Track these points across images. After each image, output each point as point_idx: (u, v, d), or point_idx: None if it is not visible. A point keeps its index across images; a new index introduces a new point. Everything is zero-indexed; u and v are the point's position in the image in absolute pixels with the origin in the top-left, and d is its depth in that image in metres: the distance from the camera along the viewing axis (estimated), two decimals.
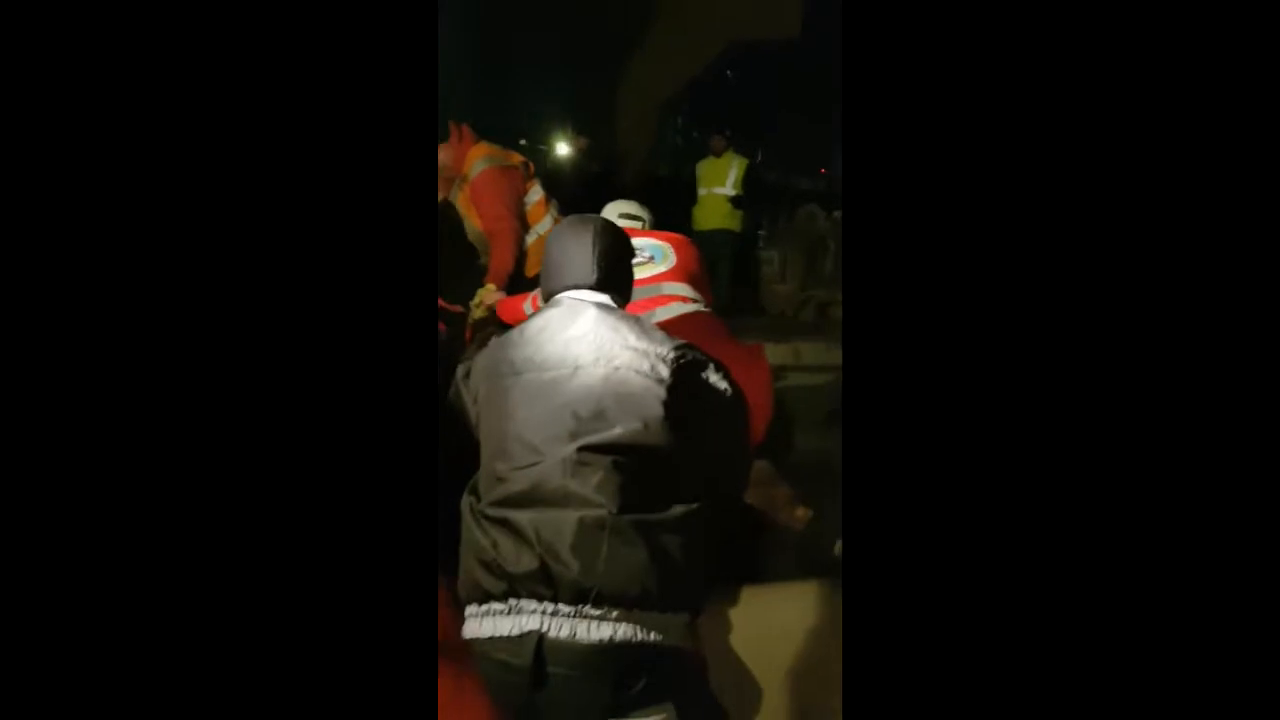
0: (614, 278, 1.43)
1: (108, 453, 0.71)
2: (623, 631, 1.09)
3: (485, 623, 1.13)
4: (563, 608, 1.09)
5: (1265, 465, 0.69)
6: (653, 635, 1.10)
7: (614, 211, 2.45)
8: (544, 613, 1.10)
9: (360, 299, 0.77)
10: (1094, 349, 0.73)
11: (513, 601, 1.12)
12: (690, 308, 1.95)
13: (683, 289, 2.01)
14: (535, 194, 2.90)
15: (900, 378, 0.77)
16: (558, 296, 1.42)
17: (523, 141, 7.14)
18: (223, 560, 0.72)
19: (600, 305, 1.37)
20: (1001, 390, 0.75)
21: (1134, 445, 0.71)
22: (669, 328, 1.50)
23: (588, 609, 1.09)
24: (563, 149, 6.91)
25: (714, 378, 1.35)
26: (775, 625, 1.50)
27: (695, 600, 1.19)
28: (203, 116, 0.74)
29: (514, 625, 1.10)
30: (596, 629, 1.08)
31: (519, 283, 2.69)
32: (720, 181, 5.25)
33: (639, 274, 1.93)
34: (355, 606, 0.74)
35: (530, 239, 2.81)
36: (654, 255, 2.09)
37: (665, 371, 1.27)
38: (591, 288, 1.40)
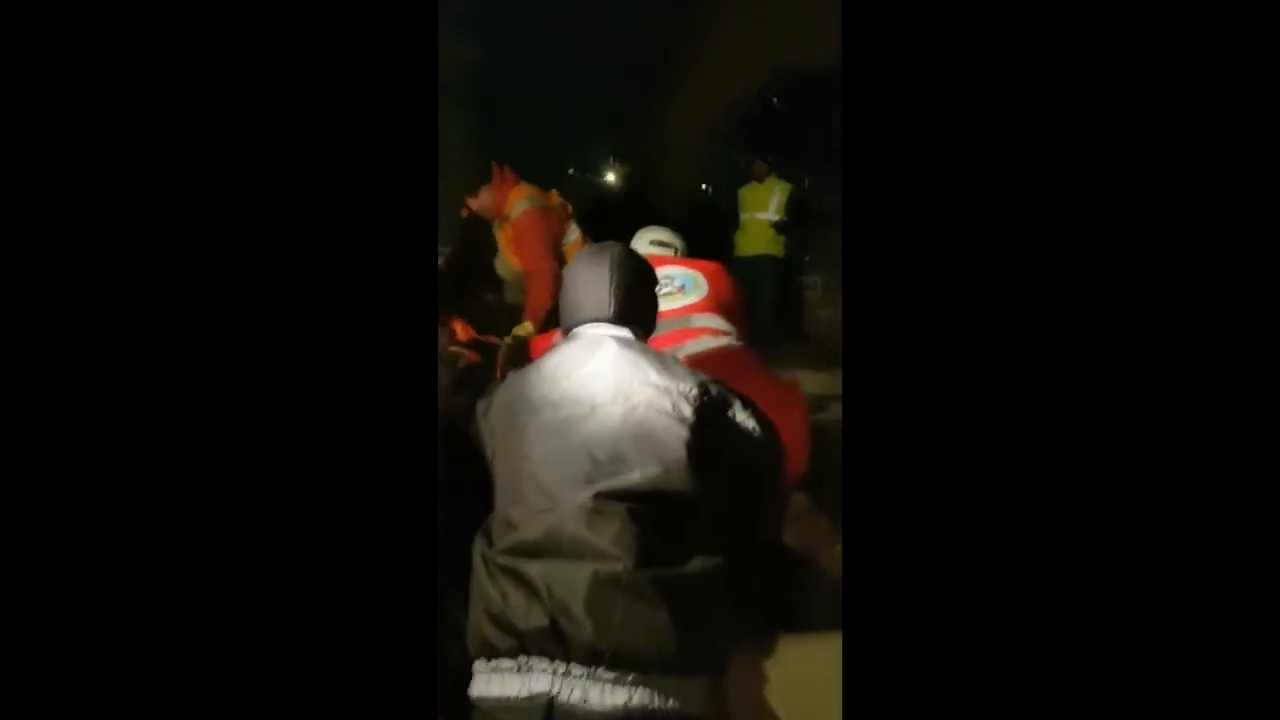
0: (634, 309, 1.38)
1: (105, 468, 0.71)
2: (639, 697, 1.01)
3: (493, 681, 1.06)
4: (575, 669, 1.02)
5: (1265, 465, 0.68)
6: (671, 702, 1.02)
7: (645, 239, 2.41)
8: (555, 673, 1.02)
9: (362, 315, 0.77)
10: (1101, 365, 0.72)
11: (522, 659, 1.05)
12: (721, 341, 1.88)
13: (714, 321, 1.94)
14: (573, 233, 2.94)
15: (901, 389, 0.76)
16: (576, 330, 1.38)
17: (571, 170, 7.18)
18: (218, 580, 0.71)
19: (620, 339, 1.32)
20: (1004, 400, 0.73)
21: (1141, 457, 0.70)
22: (697, 363, 1.44)
23: (601, 671, 1.01)
24: (607, 177, 6.94)
25: (741, 416, 1.27)
26: (814, 679, 1.40)
27: (718, 661, 1.11)
28: (205, 134, 0.74)
29: (522, 686, 1.03)
30: (610, 694, 1.00)
31: (556, 322, 2.66)
32: (763, 207, 5.22)
33: (667, 305, 1.86)
34: (355, 626, 0.74)
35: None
36: (684, 285, 2.02)
37: (688, 410, 1.20)
38: (610, 320, 1.35)
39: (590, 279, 1.38)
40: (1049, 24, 0.74)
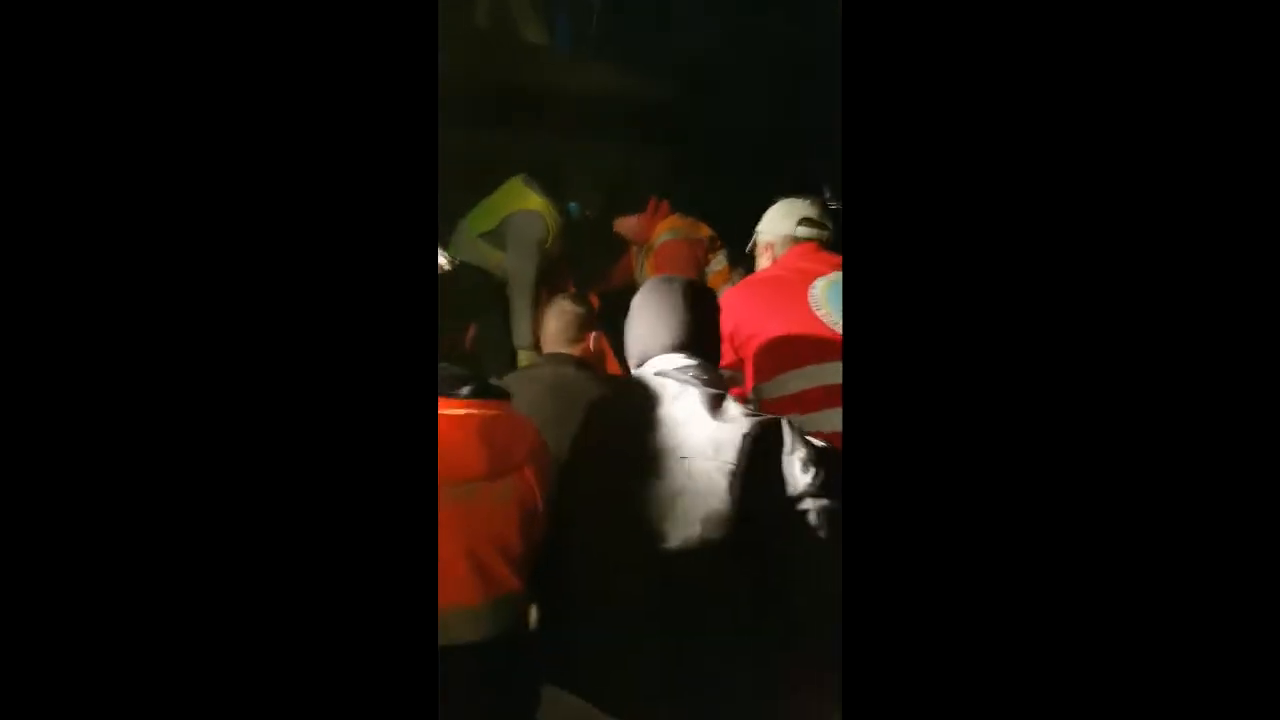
0: (704, 340, 1.38)
1: (108, 456, 0.71)
2: None
3: None
4: None
5: (1265, 465, 0.68)
6: None
7: (792, 216, 2.11)
8: None
9: (362, 314, 0.78)
10: (1103, 367, 0.72)
11: None
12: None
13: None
14: (718, 264, 3.06)
15: (901, 389, 0.76)
16: (644, 367, 1.37)
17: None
18: (217, 580, 0.72)
19: (696, 379, 1.30)
20: (1006, 400, 0.74)
21: (1142, 457, 0.70)
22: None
23: None
24: None
25: (796, 465, 1.19)
26: None
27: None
28: (207, 133, 0.75)
29: None
30: None
31: None
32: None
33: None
34: (355, 626, 0.74)
35: None
36: (835, 307, 1.79)
37: (731, 456, 1.18)
38: (678, 351, 1.35)
39: (658, 309, 1.37)
40: (1049, 24, 0.75)
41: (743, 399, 1.89)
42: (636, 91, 3.63)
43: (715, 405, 1.25)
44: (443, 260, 1.35)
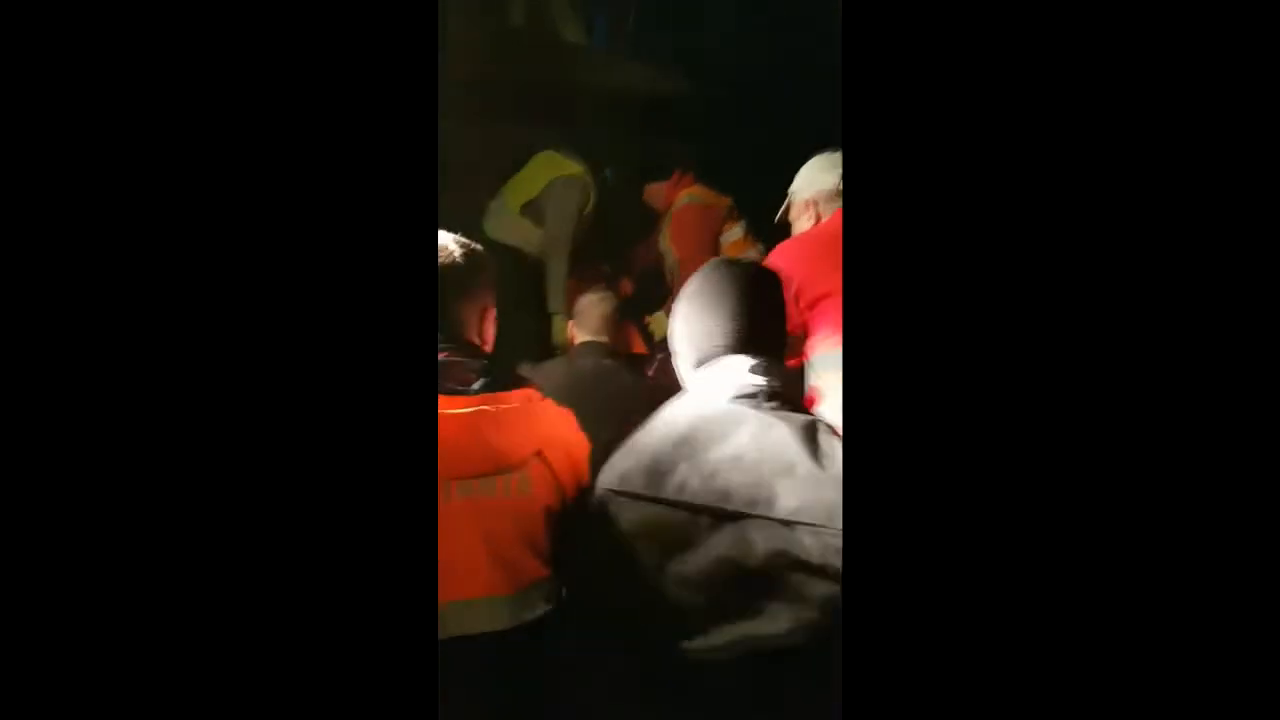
0: (769, 336, 1.21)
1: (109, 454, 0.71)
2: None
3: None
4: None
5: (1265, 466, 0.67)
6: None
7: (827, 165, 2.06)
8: None
9: (361, 313, 0.77)
10: (1104, 370, 0.71)
11: None
12: None
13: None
14: (735, 233, 3.20)
15: (901, 390, 0.75)
16: (708, 373, 1.19)
17: None
18: (216, 580, 0.72)
19: (771, 407, 1.13)
20: (1007, 402, 0.73)
21: (1142, 458, 0.70)
22: None
23: None
24: None
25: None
26: None
27: None
28: (210, 129, 0.75)
29: None
30: None
31: None
32: None
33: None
34: (355, 627, 0.74)
35: None
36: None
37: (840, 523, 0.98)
38: (743, 351, 1.17)
39: (720, 302, 1.20)
40: (1049, 25, 0.74)
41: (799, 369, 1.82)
42: (666, 87, 3.72)
43: (812, 443, 1.08)
44: (454, 246, 1.25)
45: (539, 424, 1.21)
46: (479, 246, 1.28)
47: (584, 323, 2.16)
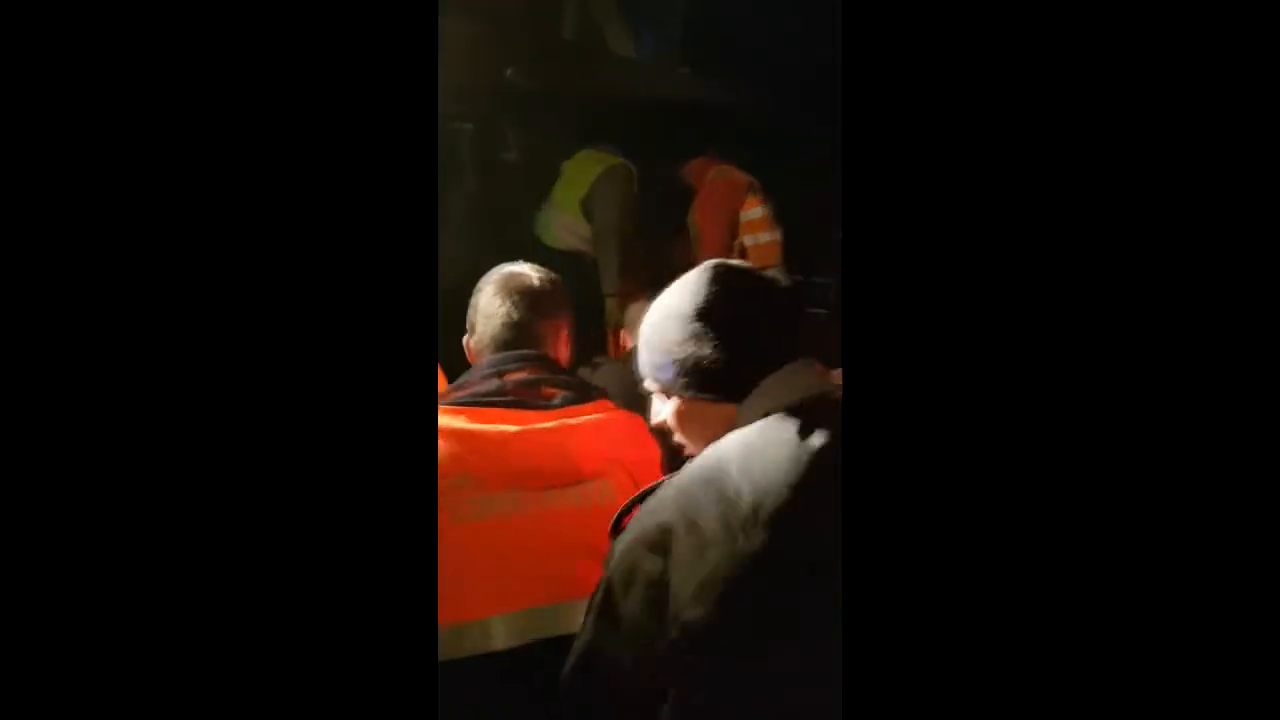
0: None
1: (109, 461, 0.70)
2: None
3: None
4: None
5: (1265, 466, 0.67)
6: None
7: None
8: None
9: (361, 311, 0.77)
10: (1105, 372, 0.71)
11: None
12: None
13: None
14: (756, 211, 3.33)
15: (901, 390, 0.75)
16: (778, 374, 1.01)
17: None
18: (216, 580, 0.72)
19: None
20: (1009, 403, 0.72)
21: (1143, 459, 0.69)
22: None
23: None
24: None
25: None
26: None
27: None
28: (210, 124, 0.74)
29: None
30: None
31: None
32: None
33: None
34: (355, 627, 0.74)
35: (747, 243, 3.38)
36: None
37: None
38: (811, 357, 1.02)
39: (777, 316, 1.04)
40: (1050, 24, 0.73)
41: None
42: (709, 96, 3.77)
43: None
44: (533, 273, 1.34)
45: (616, 433, 1.27)
46: (555, 275, 1.37)
47: (636, 329, 2.22)
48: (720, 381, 1.02)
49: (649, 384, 1.10)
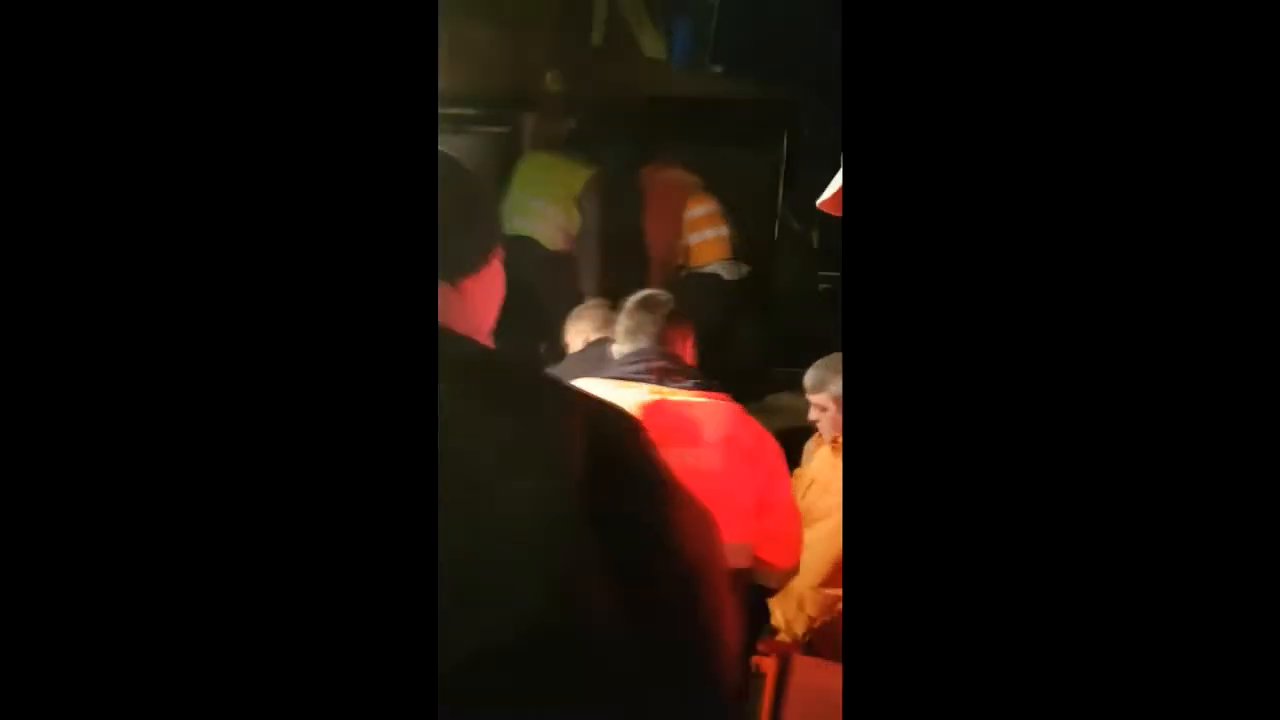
0: None
1: (106, 458, 0.72)
2: None
3: None
4: None
5: (1266, 467, 0.66)
6: None
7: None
8: None
9: (361, 311, 0.77)
10: (1106, 373, 0.71)
11: None
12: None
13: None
14: (700, 209, 3.46)
15: (901, 391, 0.75)
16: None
17: None
18: (216, 580, 0.72)
19: None
20: (1010, 403, 0.72)
21: (1144, 460, 0.69)
22: None
23: None
24: None
25: None
26: None
27: None
28: (210, 119, 0.75)
29: None
30: None
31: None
32: None
33: None
34: (354, 627, 0.74)
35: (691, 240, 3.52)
36: None
37: None
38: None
39: None
40: (1050, 25, 0.73)
41: None
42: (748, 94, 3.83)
43: None
44: (660, 293, 1.85)
45: (731, 415, 1.70)
46: (671, 296, 1.83)
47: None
48: None
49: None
